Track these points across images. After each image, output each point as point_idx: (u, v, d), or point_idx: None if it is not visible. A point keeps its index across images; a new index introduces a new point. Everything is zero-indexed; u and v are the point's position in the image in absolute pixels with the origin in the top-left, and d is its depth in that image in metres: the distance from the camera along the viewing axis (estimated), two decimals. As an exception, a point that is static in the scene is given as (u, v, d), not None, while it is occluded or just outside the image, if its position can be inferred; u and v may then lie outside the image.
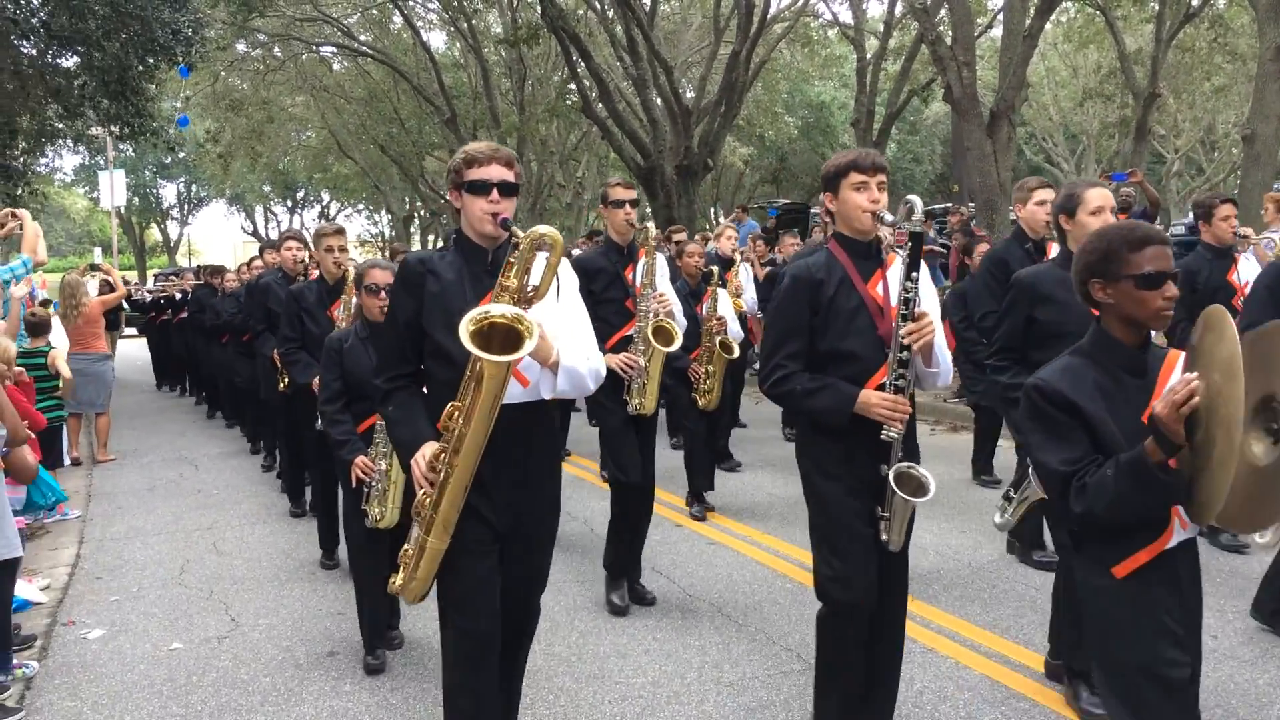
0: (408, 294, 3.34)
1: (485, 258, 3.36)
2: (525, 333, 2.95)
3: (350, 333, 5.02)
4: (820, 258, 3.68)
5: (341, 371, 4.90)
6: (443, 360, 3.25)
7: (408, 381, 3.42)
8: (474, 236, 3.36)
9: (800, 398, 3.57)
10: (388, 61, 27.37)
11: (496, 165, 3.30)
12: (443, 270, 3.33)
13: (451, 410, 3.06)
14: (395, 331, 3.41)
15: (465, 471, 3.07)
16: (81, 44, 12.10)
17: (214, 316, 11.76)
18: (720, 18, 21.18)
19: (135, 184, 51.20)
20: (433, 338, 3.28)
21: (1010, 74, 13.35)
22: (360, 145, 33.79)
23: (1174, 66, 24.97)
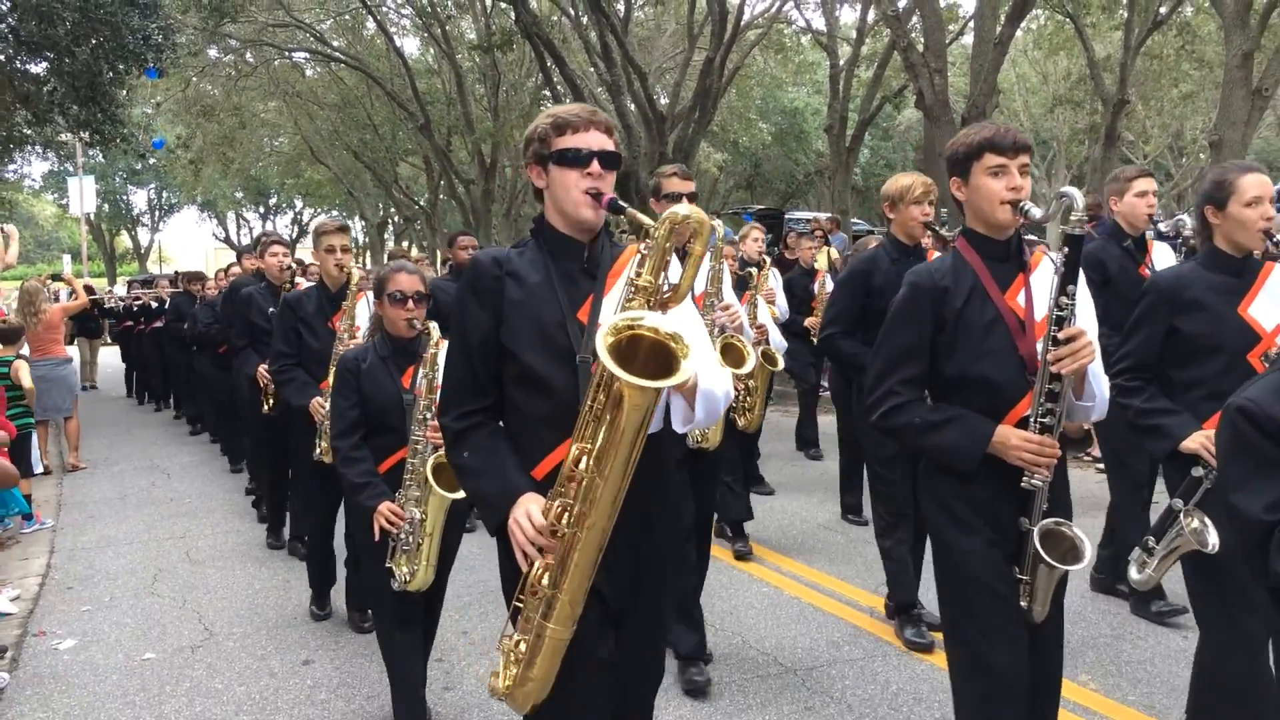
0: (481, 304, 2.62)
1: (580, 253, 2.66)
2: (680, 352, 2.28)
3: (369, 350, 4.22)
4: (944, 261, 3.08)
5: (360, 397, 4.11)
6: (533, 389, 2.58)
7: (484, 418, 2.68)
8: (564, 225, 2.66)
9: (920, 433, 2.97)
10: (361, 67, 27.26)
11: (595, 131, 2.61)
12: (525, 271, 2.64)
13: (578, 454, 2.32)
14: (466, 354, 2.66)
15: (598, 534, 2.35)
16: (51, 50, 12.00)
17: (192, 325, 10.91)
18: (694, 24, 21.26)
19: (105, 190, 50.72)
20: (519, 359, 2.57)
21: (981, 81, 13.47)
22: (333, 151, 33.62)
23: (1142, 73, 25.25)
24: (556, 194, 2.63)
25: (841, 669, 4.77)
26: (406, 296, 4.05)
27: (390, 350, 4.16)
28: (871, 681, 4.62)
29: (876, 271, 4.98)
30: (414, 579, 3.91)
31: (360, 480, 4.02)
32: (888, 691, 4.51)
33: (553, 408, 2.54)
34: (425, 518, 3.88)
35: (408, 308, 4.05)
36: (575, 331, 2.55)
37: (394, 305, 4.07)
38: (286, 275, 7.00)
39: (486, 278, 2.64)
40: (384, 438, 4.10)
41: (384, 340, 4.19)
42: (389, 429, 4.08)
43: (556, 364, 2.53)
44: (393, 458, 4.07)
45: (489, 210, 27.28)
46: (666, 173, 4.68)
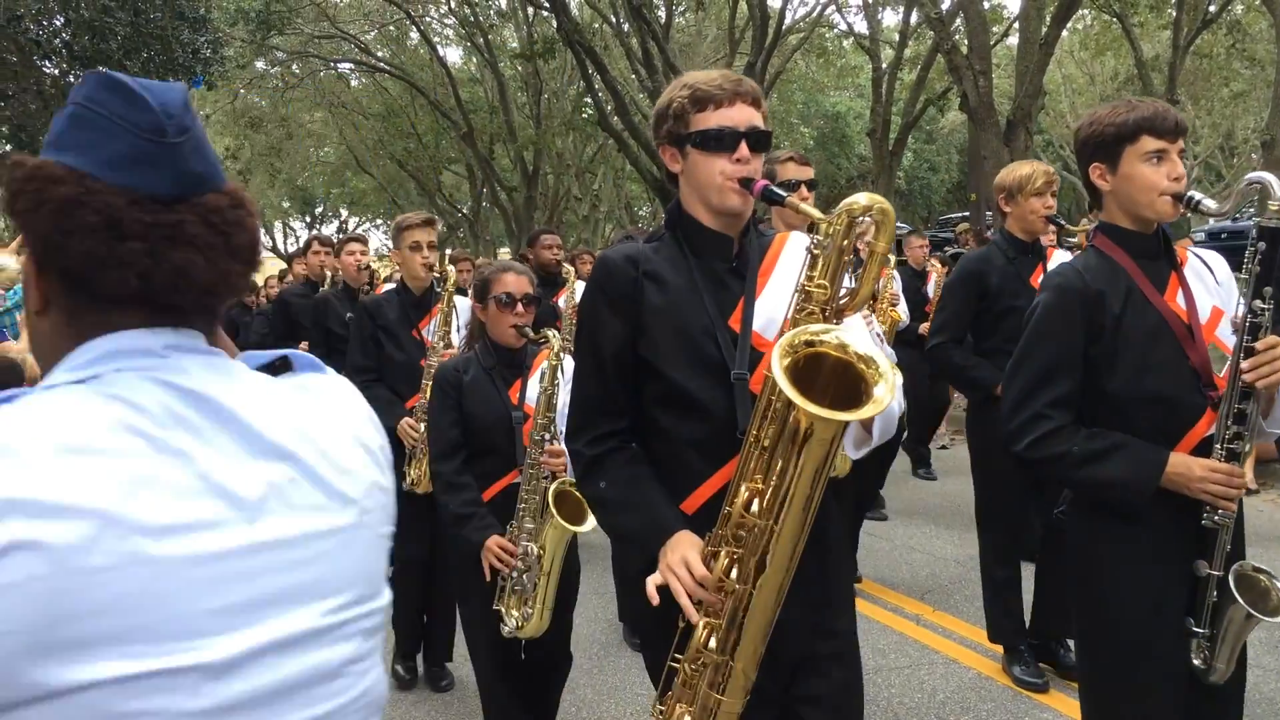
0: (614, 311, 2.23)
1: (726, 249, 2.25)
2: (872, 376, 1.86)
3: (470, 361, 3.67)
4: (1089, 259, 2.65)
5: (461, 415, 3.56)
6: (680, 410, 2.20)
7: (621, 442, 2.30)
8: (706, 217, 2.24)
9: (1079, 464, 2.50)
10: (405, 77, 27.57)
11: (742, 105, 2.18)
12: (664, 271, 2.23)
13: (748, 497, 1.93)
14: (598, 369, 2.28)
15: (773, 592, 1.96)
16: (104, 64, 12.23)
17: (245, 338, 10.18)
18: (735, 29, 21.26)
19: (156, 201, 51.53)
20: (662, 376, 2.19)
21: (1027, 82, 13.35)
22: (378, 160, 34.01)
23: (1192, 73, 24.91)
24: (698, 182, 2.21)
25: (887, 676, 4.73)
26: (515, 300, 3.53)
27: (495, 360, 3.61)
28: (918, 690, 4.58)
29: (990, 271, 4.52)
30: (527, 625, 3.37)
31: (464, 510, 3.43)
32: (934, 700, 4.47)
33: (705, 431, 2.16)
34: (542, 553, 3.35)
35: (516, 312, 3.53)
36: (727, 342, 2.16)
37: (500, 310, 3.55)
38: (364, 276, 6.29)
39: (620, 280, 2.23)
40: (488, 460, 3.54)
41: (487, 350, 3.64)
42: (494, 450, 3.53)
43: (707, 380, 2.16)
44: (499, 484, 3.53)
45: (531, 217, 27.45)
46: (780, 158, 4.05)
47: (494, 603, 3.37)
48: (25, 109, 12.82)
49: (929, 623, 5.38)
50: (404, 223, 4.83)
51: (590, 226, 32.78)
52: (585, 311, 2.35)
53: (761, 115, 2.23)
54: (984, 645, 5.03)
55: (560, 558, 3.40)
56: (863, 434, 2.20)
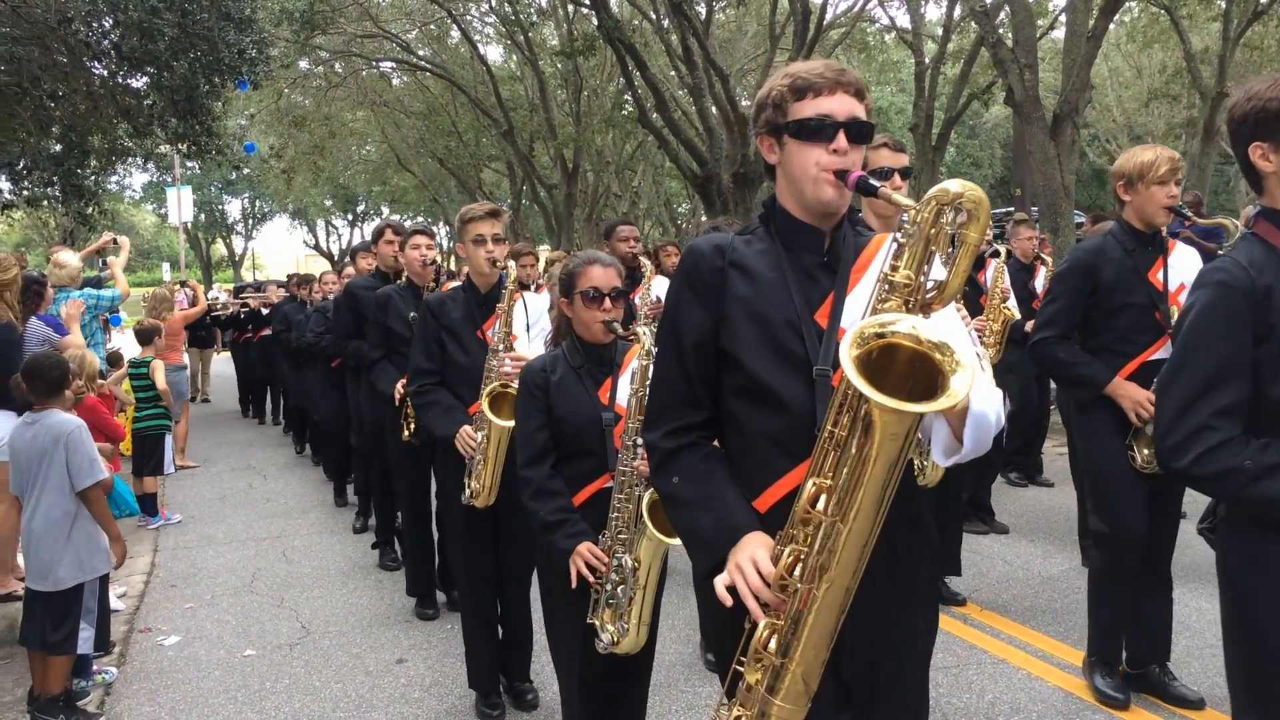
0: (698, 299, 2.19)
1: (819, 243, 2.19)
2: (948, 366, 1.77)
3: (558, 359, 3.47)
4: (1252, 251, 2.40)
5: (550, 417, 3.38)
6: (759, 403, 2.13)
7: (698, 437, 2.24)
8: (800, 209, 2.19)
9: (1254, 479, 2.23)
10: (446, 76, 27.68)
11: (843, 95, 2.12)
12: (753, 263, 2.18)
13: (815, 492, 1.87)
14: (678, 359, 2.22)
15: (839, 593, 1.90)
16: (151, 65, 12.39)
17: (300, 335, 9.82)
18: (776, 25, 21.14)
19: (201, 200, 52.33)
20: (743, 367, 2.13)
21: (1073, 76, 13.15)
22: (419, 158, 34.20)
23: (1242, 65, 24.40)
24: (793, 173, 2.16)
25: (935, 676, 4.67)
26: (603, 294, 3.35)
27: (583, 359, 3.42)
28: (967, 690, 4.54)
29: (1105, 264, 4.23)
30: (623, 640, 3.17)
31: (555, 517, 3.27)
32: (983, 700, 4.42)
33: (783, 426, 2.09)
34: (638, 565, 3.15)
35: (604, 307, 3.35)
36: (812, 337, 2.10)
37: (588, 305, 3.36)
38: (430, 273, 5.90)
39: (706, 269, 2.20)
40: (578, 464, 3.36)
41: (574, 347, 3.45)
42: (585, 453, 3.36)
43: (789, 374, 2.08)
44: (590, 488, 3.35)
45: (571, 215, 27.48)
46: (874, 144, 3.77)
47: (588, 615, 3.21)
48: (75, 110, 13.00)
49: (976, 622, 5.33)
50: (467, 214, 4.49)
51: (630, 223, 32.74)
52: (670, 300, 2.30)
53: (864, 107, 2.15)
54: (1034, 646, 4.98)
55: (657, 571, 3.21)
56: (953, 441, 2.00)
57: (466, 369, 4.39)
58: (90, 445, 4.66)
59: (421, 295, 5.61)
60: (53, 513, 4.55)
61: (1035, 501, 7.82)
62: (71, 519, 4.56)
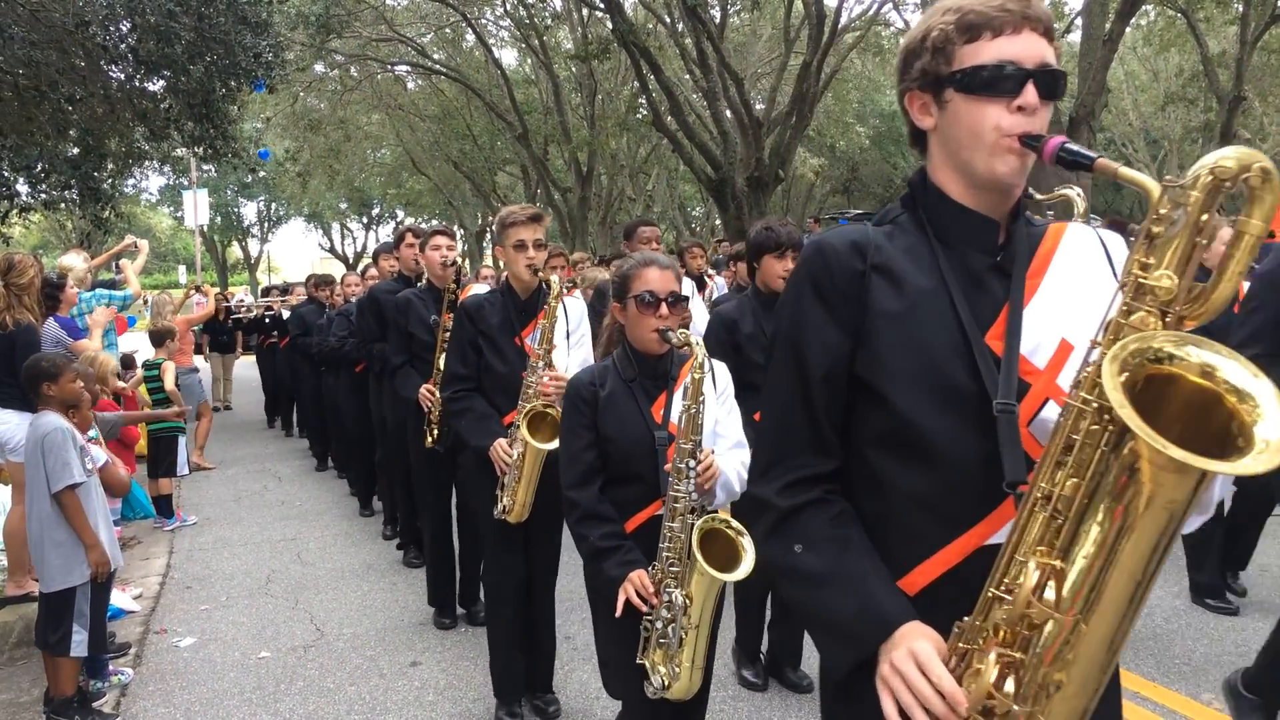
0: (831, 314, 1.67)
1: (991, 236, 1.67)
2: (1249, 412, 1.28)
3: (607, 372, 3.15)
4: None
5: (598, 435, 3.07)
6: (911, 453, 1.61)
7: (825, 493, 1.72)
8: (963, 189, 1.67)
9: None
10: (460, 79, 27.77)
11: (1030, 34, 1.59)
12: (902, 265, 1.67)
13: (1041, 576, 1.36)
14: (802, 391, 1.70)
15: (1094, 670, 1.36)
16: (168, 68, 12.44)
17: (320, 339, 9.33)
18: (790, 29, 21.13)
19: (217, 203, 52.55)
20: (890, 405, 1.61)
21: (1090, 79, 13.10)
22: (434, 162, 34.32)
23: (1259, 69, 24.29)
24: (959, 139, 1.63)
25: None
26: (659, 299, 3.03)
27: (636, 371, 3.11)
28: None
29: None
30: (674, 684, 2.86)
31: (606, 544, 2.96)
32: None
33: (942, 484, 1.59)
34: (691, 603, 2.82)
35: (660, 314, 3.03)
36: (988, 364, 1.58)
37: (642, 310, 3.05)
38: (451, 274, 5.69)
39: (841, 274, 1.67)
40: (629, 489, 3.05)
41: (626, 358, 3.13)
42: (634, 477, 3.04)
43: (953, 416, 1.58)
44: (641, 515, 3.04)
45: (585, 218, 27.52)
46: None
47: (638, 654, 2.91)
48: (92, 113, 13.06)
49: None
50: (508, 218, 4.20)
51: (644, 227, 32.79)
52: (788, 313, 1.75)
53: (1055, 51, 1.62)
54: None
55: (711, 609, 2.88)
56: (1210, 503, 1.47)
57: (503, 377, 4.17)
58: (67, 449, 4.58)
59: (442, 297, 5.57)
60: (41, 515, 4.56)
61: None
62: (55, 522, 4.56)
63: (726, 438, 3.17)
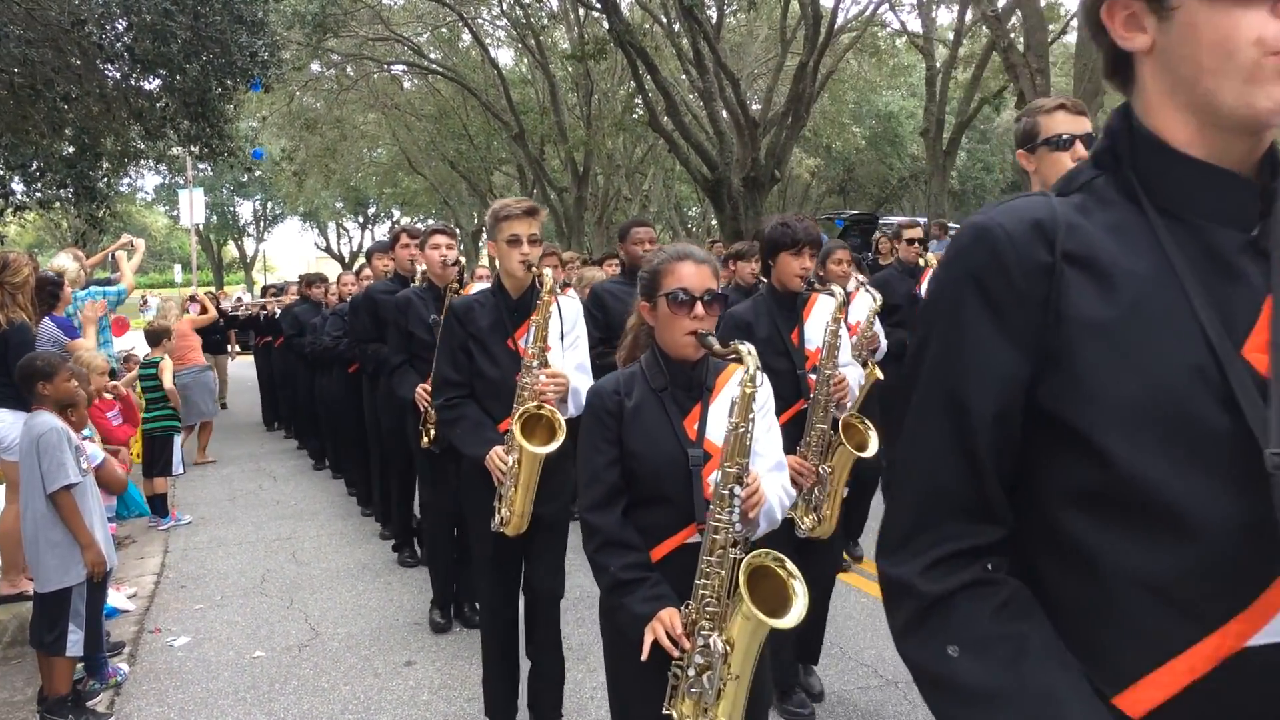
0: (1001, 325, 1.20)
1: (1244, 202, 1.19)
2: None
3: (634, 379, 2.76)
4: None
5: (622, 451, 2.69)
6: (1141, 522, 1.14)
7: (992, 570, 1.24)
8: (1196, 134, 1.19)
9: None
10: (457, 79, 27.76)
11: None
12: (1108, 249, 1.19)
13: None
14: (955, 434, 1.23)
15: None
16: (164, 67, 12.42)
17: (314, 339, 9.38)
18: (787, 29, 21.15)
19: (213, 202, 52.49)
20: (1103, 453, 1.14)
21: (1085, 80, 13.12)
22: (430, 161, 34.31)
23: (1255, 69, 24.36)
24: (1196, 58, 1.15)
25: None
26: (693, 298, 2.64)
27: (666, 380, 2.73)
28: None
29: None
30: None
31: (629, 575, 2.58)
32: None
33: (1184, 565, 1.13)
34: (732, 649, 2.41)
35: (695, 314, 2.64)
36: (1247, 390, 1.11)
37: (675, 310, 2.66)
38: (452, 274, 5.55)
39: (1018, 269, 1.20)
40: (655, 512, 2.67)
41: (656, 365, 2.75)
42: (663, 499, 2.66)
43: (1200, 466, 1.12)
44: (668, 543, 2.64)
45: (581, 218, 27.53)
46: (1046, 107, 2.87)
47: (664, 704, 2.52)
48: (88, 112, 13.05)
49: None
50: (501, 211, 3.94)
51: (640, 227, 32.78)
52: (939, 329, 1.26)
53: None
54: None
55: (755, 656, 2.46)
56: None
57: (496, 382, 3.92)
58: (62, 449, 4.57)
59: (441, 297, 5.46)
60: (37, 515, 4.56)
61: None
62: (51, 522, 4.55)
63: (766, 457, 2.76)
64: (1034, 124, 2.88)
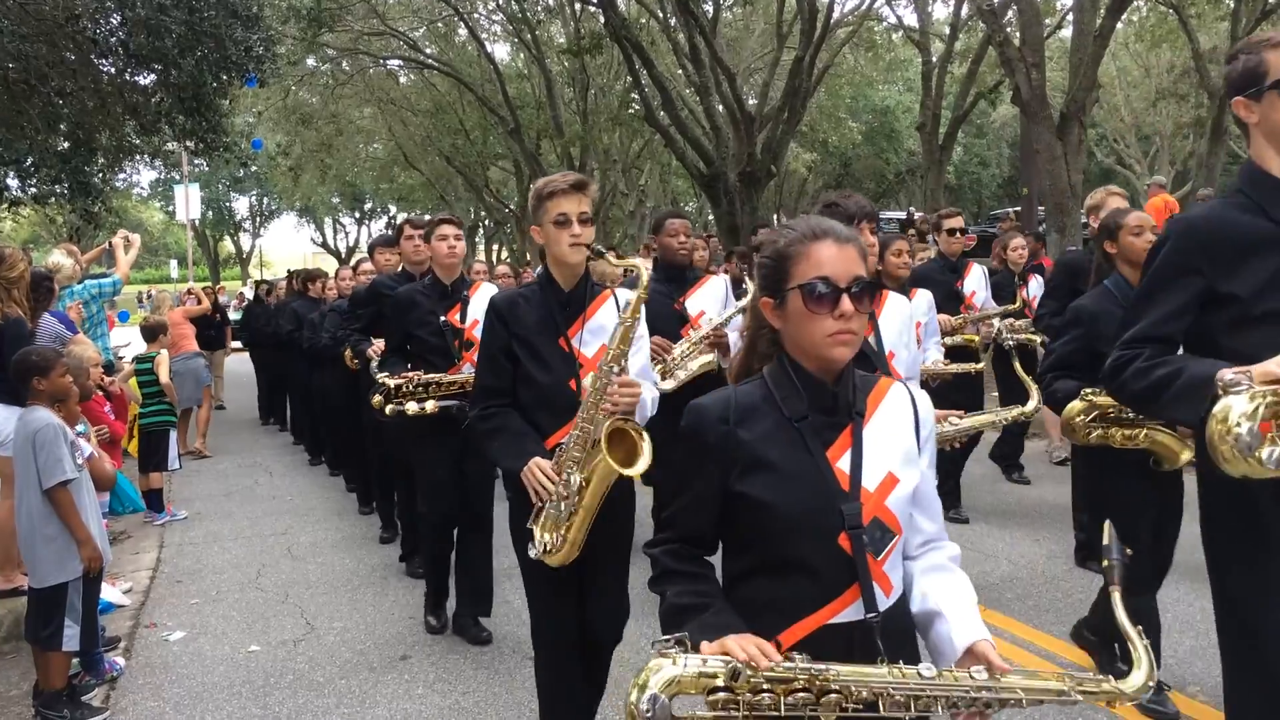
0: None
1: None
2: None
3: (752, 400, 2.08)
4: None
5: (741, 502, 2.04)
6: None
7: None
8: None
9: None
10: (453, 73, 27.71)
11: None
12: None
13: None
14: None
15: None
16: (159, 62, 12.40)
17: (312, 335, 9.09)
18: (783, 23, 21.11)
19: (209, 197, 52.39)
20: None
21: (1081, 75, 13.12)
22: (426, 156, 34.25)
23: (1251, 64, 24.34)
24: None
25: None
26: (837, 290, 1.99)
27: (806, 403, 2.04)
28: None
29: None
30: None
31: (693, 600, 2.04)
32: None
33: None
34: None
35: (841, 310, 1.98)
36: None
37: (815, 307, 1.99)
38: (458, 269, 5.30)
39: None
40: (789, 582, 2.00)
41: (787, 382, 2.06)
42: (800, 567, 1.99)
43: None
44: (807, 622, 1.99)
45: (578, 213, 27.49)
46: (1275, 40, 2.51)
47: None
48: (83, 107, 13.01)
49: (980, 621, 5.32)
50: (545, 188, 3.37)
51: (636, 222, 32.77)
52: None
53: None
54: (1036, 644, 4.98)
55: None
56: None
57: (546, 389, 3.38)
58: (59, 444, 4.57)
59: (448, 294, 5.16)
60: (32, 510, 4.56)
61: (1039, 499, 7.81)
62: (47, 518, 4.56)
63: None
64: (1260, 62, 2.45)
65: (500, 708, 4.53)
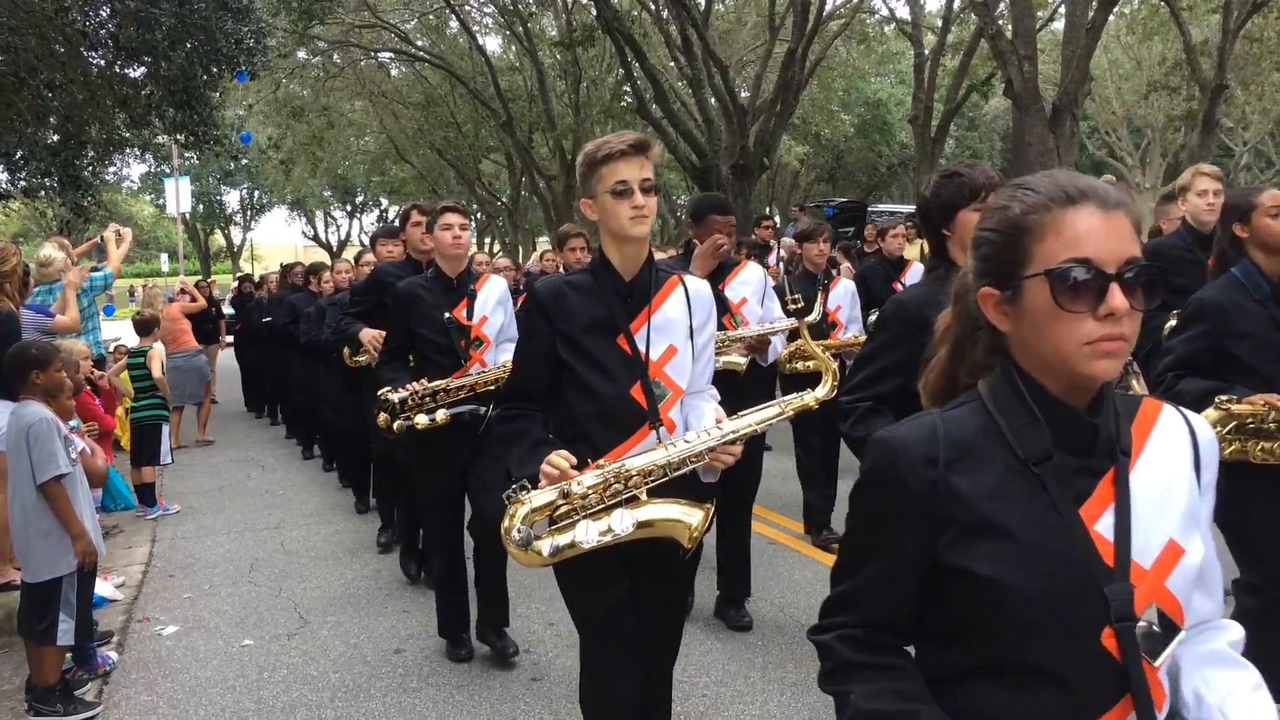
0: None
1: None
2: None
3: (967, 431, 1.47)
4: None
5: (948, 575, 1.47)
6: None
7: None
8: None
9: None
10: (444, 66, 27.65)
11: None
12: None
13: None
14: None
15: None
16: (149, 55, 12.35)
17: (310, 330, 8.57)
18: (775, 16, 21.09)
19: (200, 191, 52.24)
20: None
21: (1073, 67, 13.14)
22: (417, 149, 34.17)
23: (1242, 57, 24.39)
24: None
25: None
26: (1105, 277, 1.38)
27: (1049, 437, 1.45)
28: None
29: None
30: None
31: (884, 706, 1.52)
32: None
33: None
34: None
35: (1110, 308, 1.37)
36: None
37: (1071, 302, 1.38)
38: (464, 260, 4.91)
39: None
40: (1031, 695, 1.43)
41: (1019, 407, 1.47)
42: (1043, 670, 1.43)
43: None
44: None
45: (570, 206, 27.45)
46: None
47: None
48: (72, 99, 12.95)
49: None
50: (598, 152, 2.77)
51: (629, 215, 32.78)
52: None
53: None
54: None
55: None
56: None
57: (608, 402, 2.77)
58: (53, 439, 4.54)
59: (452, 288, 4.75)
60: (26, 505, 4.54)
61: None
62: (41, 512, 4.53)
63: None
64: None
65: (494, 700, 4.53)
